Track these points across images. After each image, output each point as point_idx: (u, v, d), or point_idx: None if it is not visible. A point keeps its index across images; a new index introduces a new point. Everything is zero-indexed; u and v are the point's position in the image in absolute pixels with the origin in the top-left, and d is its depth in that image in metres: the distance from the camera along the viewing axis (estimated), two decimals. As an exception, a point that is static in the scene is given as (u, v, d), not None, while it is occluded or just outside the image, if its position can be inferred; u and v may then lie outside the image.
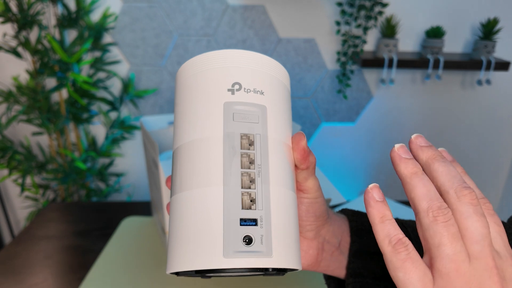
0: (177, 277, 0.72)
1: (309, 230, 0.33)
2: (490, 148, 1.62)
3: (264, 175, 0.26)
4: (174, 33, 1.42)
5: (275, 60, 0.31)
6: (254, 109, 0.28)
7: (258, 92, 0.28)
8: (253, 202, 0.25)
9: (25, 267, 0.75)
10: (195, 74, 0.29)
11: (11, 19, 1.26)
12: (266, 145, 0.27)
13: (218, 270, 0.24)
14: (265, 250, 0.24)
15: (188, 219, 0.25)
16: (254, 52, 0.30)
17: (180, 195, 0.27)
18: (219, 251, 0.24)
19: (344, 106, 1.54)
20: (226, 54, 0.29)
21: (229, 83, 0.28)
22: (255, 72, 0.29)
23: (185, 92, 0.30)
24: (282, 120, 0.29)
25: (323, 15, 1.40)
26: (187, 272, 0.25)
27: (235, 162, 0.26)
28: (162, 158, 0.78)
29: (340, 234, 0.36)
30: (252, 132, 0.27)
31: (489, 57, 1.36)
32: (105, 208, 0.96)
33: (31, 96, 1.35)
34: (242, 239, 0.24)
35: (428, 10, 1.39)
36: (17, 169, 1.44)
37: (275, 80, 0.30)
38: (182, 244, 0.25)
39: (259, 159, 0.26)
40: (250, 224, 0.25)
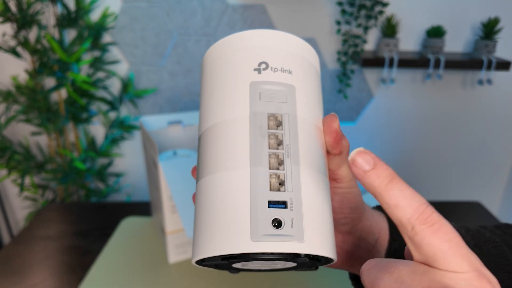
0: (177, 276, 0.71)
1: (344, 224, 0.31)
2: (491, 148, 1.62)
3: (294, 156, 0.25)
4: (173, 33, 1.42)
5: (304, 41, 0.29)
6: (282, 88, 0.26)
7: (286, 71, 0.27)
8: (282, 184, 0.24)
9: (24, 268, 0.74)
10: (220, 57, 0.28)
11: (10, 19, 1.25)
12: (295, 125, 0.26)
13: (246, 255, 0.23)
14: (296, 234, 0.23)
15: (213, 204, 0.24)
16: (282, 31, 0.28)
17: (205, 180, 0.26)
18: (247, 235, 0.22)
19: (345, 105, 1.54)
20: (252, 34, 0.28)
21: (255, 63, 0.27)
22: (282, 51, 0.28)
23: (211, 75, 0.29)
24: (312, 101, 0.28)
25: (323, 15, 1.39)
26: (213, 259, 0.24)
27: (263, 142, 0.25)
28: (161, 158, 0.77)
29: (377, 231, 0.33)
30: (279, 112, 0.26)
31: (490, 56, 1.36)
32: (105, 208, 0.96)
33: (30, 96, 1.35)
34: (271, 222, 0.23)
35: (429, 9, 1.38)
36: (16, 169, 1.43)
37: (304, 60, 0.28)
38: (207, 230, 0.24)
39: (288, 139, 0.25)
40: (280, 206, 0.23)
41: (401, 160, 1.64)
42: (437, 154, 1.63)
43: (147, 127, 0.80)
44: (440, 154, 1.63)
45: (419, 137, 1.60)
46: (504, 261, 0.35)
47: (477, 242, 0.36)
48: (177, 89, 1.51)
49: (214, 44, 0.29)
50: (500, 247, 0.36)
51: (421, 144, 1.61)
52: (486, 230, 0.37)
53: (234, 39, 0.28)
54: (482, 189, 1.70)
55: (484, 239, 0.36)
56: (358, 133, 1.59)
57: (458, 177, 1.67)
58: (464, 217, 0.93)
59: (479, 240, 0.36)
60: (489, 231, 0.38)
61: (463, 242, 0.20)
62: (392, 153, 1.63)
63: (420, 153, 1.63)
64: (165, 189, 0.69)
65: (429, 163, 1.65)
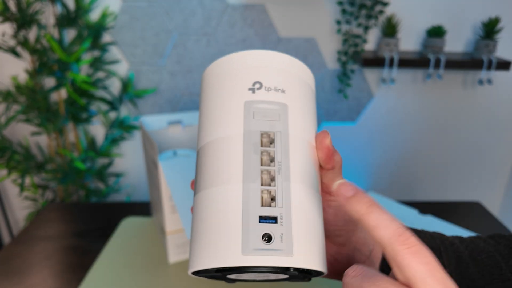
0: (177, 277, 0.71)
1: (338, 236, 0.32)
2: (491, 148, 1.62)
3: (285, 172, 0.26)
4: (173, 32, 1.41)
5: (298, 60, 0.31)
6: (275, 107, 0.28)
7: (279, 90, 0.28)
8: (273, 200, 0.25)
9: (24, 268, 0.74)
10: (217, 75, 0.30)
11: (9, 19, 1.25)
12: (287, 143, 0.27)
13: (237, 268, 0.24)
14: (285, 248, 0.24)
15: (208, 217, 0.25)
16: (277, 52, 0.30)
17: (201, 194, 0.27)
18: (238, 248, 0.23)
19: (345, 105, 1.54)
20: (248, 55, 0.29)
21: (249, 83, 0.28)
22: (276, 71, 0.29)
23: (208, 93, 0.30)
24: (305, 119, 0.29)
25: (323, 14, 1.39)
26: (207, 271, 0.25)
27: (255, 159, 0.26)
28: (161, 158, 0.77)
29: (372, 243, 0.34)
30: (272, 130, 0.27)
31: (490, 56, 1.36)
32: (104, 208, 0.96)
33: (30, 96, 1.35)
34: (262, 236, 0.24)
35: (429, 9, 1.38)
36: (16, 169, 1.43)
37: (297, 79, 0.30)
38: (201, 243, 0.25)
39: (280, 156, 0.26)
40: (270, 222, 0.24)
41: (401, 160, 1.64)
42: (437, 154, 1.63)
43: (147, 127, 0.79)
44: (440, 154, 1.63)
45: (419, 137, 1.60)
46: (497, 270, 0.36)
47: (471, 252, 0.37)
48: (177, 89, 1.51)
49: (213, 63, 0.31)
50: (494, 256, 0.36)
51: (421, 144, 1.61)
52: (480, 240, 0.38)
53: (231, 59, 0.30)
54: (482, 189, 1.70)
55: (478, 249, 0.37)
56: (358, 133, 1.58)
57: (458, 177, 1.67)
58: (464, 217, 0.93)
59: (473, 250, 0.37)
60: (483, 241, 0.38)
61: (440, 265, 0.21)
62: (392, 152, 1.63)
63: (420, 153, 1.63)
64: (165, 189, 0.69)
65: (429, 163, 1.64)
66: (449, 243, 0.36)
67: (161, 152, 0.82)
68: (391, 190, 1.69)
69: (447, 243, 0.36)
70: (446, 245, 0.36)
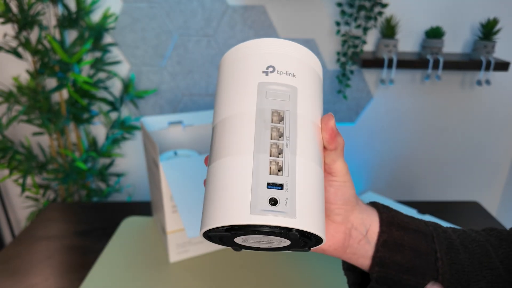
0: (178, 276, 0.72)
1: (337, 214, 0.34)
2: (489, 148, 1.63)
3: (292, 146, 0.29)
4: (174, 33, 1.42)
5: (309, 50, 0.33)
6: (285, 88, 0.30)
7: (290, 74, 0.31)
8: (280, 170, 0.28)
9: (26, 267, 0.75)
10: (235, 59, 0.33)
11: (11, 20, 1.26)
12: (295, 121, 0.30)
13: (245, 227, 0.26)
14: (289, 211, 0.26)
15: (220, 183, 0.28)
16: (290, 40, 0.33)
17: (215, 163, 0.30)
18: (247, 209, 0.26)
19: (344, 106, 1.54)
20: (263, 42, 0.32)
21: (264, 66, 0.31)
22: (288, 57, 0.32)
23: (226, 75, 0.33)
24: (312, 101, 0.32)
25: (323, 16, 1.40)
26: (217, 231, 0.28)
27: (266, 134, 0.29)
28: (162, 158, 0.78)
29: (368, 223, 0.36)
30: (282, 109, 0.30)
31: (488, 57, 1.36)
32: (106, 208, 0.97)
33: (31, 96, 1.35)
34: (268, 200, 0.26)
35: (428, 10, 1.39)
36: (18, 169, 1.44)
37: (307, 66, 0.33)
38: (213, 205, 0.28)
39: (288, 132, 0.29)
40: (276, 188, 0.27)
41: (400, 160, 1.64)
42: (436, 154, 1.64)
43: (148, 128, 0.80)
44: (439, 154, 1.64)
45: (418, 137, 1.60)
46: (487, 258, 0.37)
47: (462, 240, 0.38)
48: (177, 90, 1.51)
49: (231, 48, 0.34)
50: (484, 246, 0.38)
51: (420, 144, 1.62)
52: (472, 231, 0.40)
53: (248, 45, 0.33)
54: (480, 189, 1.70)
55: (469, 238, 0.39)
56: (357, 133, 1.59)
57: (456, 177, 1.68)
58: (462, 217, 0.94)
59: (464, 239, 0.38)
60: (474, 232, 0.40)
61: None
62: (391, 153, 1.63)
63: (419, 153, 1.63)
64: (166, 189, 0.69)
65: (428, 163, 1.65)
66: (442, 230, 0.38)
67: (162, 152, 0.83)
68: (390, 190, 1.70)
69: (439, 230, 0.38)
70: (438, 232, 0.38)
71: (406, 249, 0.35)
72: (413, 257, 0.35)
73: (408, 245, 0.35)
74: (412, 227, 0.37)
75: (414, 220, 0.38)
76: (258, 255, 0.78)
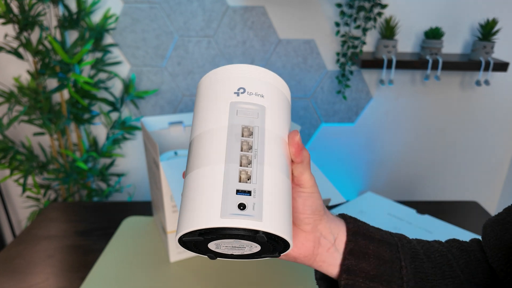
0: (178, 276, 0.72)
1: (306, 224, 0.36)
2: (488, 149, 1.63)
3: (260, 157, 0.31)
4: (174, 34, 1.43)
5: (276, 74, 0.37)
6: (255, 107, 0.34)
7: (259, 95, 0.35)
8: (249, 178, 0.30)
9: (27, 267, 0.75)
10: (210, 82, 0.36)
11: (12, 20, 1.26)
12: (263, 135, 0.33)
13: (216, 230, 0.29)
14: (256, 214, 0.29)
15: (194, 191, 0.31)
16: (259, 66, 0.37)
17: (190, 174, 0.32)
18: (217, 213, 0.28)
19: (344, 106, 1.55)
20: (236, 68, 0.36)
21: (235, 88, 0.35)
22: (257, 80, 0.35)
23: (202, 96, 0.37)
24: (279, 119, 0.35)
25: (322, 16, 1.40)
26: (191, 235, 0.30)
27: (236, 146, 0.31)
28: (162, 158, 0.79)
29: (336, 232, 0.38)
30: (251, 125, 0.33)
31: (487, 58, 1.37)
32: (106, 208, 0.97)
33: (32, 97, 1.36)
34: (238, 205, 0.29)
35: (427, 11, 1.39)
36: (19, 169, 1.45)
37: (274, 88, 0.36)
38: (188, 211, 0.30)
39: (256, 145, 0.32)
40: (245, 194, 0.29)
41: (399, 160, 1.65)
42: (435, 154, 1.64)
43: (148, 128, 0.81)
44: (438, 154, 1.64)
45: (417, 137, 1.61)
46: (448, 267, 0.40)
47: (425, 251, 0.40)
48: (178, 90, 1.52)
49: (209, 72, 0.38)
50: (446, 255, 0.40)
51: (419, 145, 1.62)
52: (435, 242, 0.43)
53: (223, 70, 0.36)
54: (479, 189, 1.71)
55: (432, 249, 0.41)
56: (357, 134, 1.60)
57: (455, 177, 1.68)
58: (461, 217, 0.94)
59: (427, 249, 0.41)
60: (437, 243, 0.43)
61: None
62: (390, 153, 1.64)
63: (418, 153, 1.64)
64: (166, 189, 0.70)
65: (427, 163, 1.66)
66: (407, 241, 0.40)
67: (162, 152, 0.83)
68: (389, 190, 1.71)
69: (404, 241, 0.40)
70: (403, 242, 0.40)
71: (371, 257, 0.37)
72: (378, 265, 0.37)
73: (373, 254, 0.37)
74: (377, 237, 0.39)
75: (379, 231, 0.40)
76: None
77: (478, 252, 0.42)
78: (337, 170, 1.67)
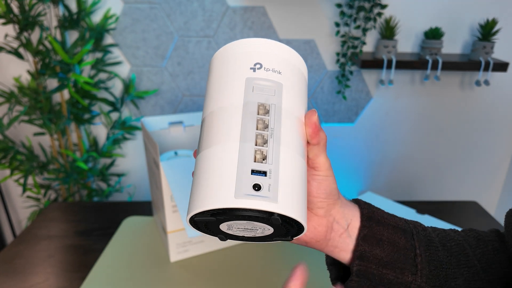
0: (178, 275, 0.72)
1: (319, 207, 0.35)
2: (488, 148, 1.63)
3: (276, 137, 0.30)
4: (174, 34, 1.43)
5: (294, 50, 0.35)
6: (271, 84, 0.32)
7: (276, 71, 0.33)
8: (264, 158, 0.29)
9: (27, 267, 0.75)
10: (224, 57, 0.35)
11: (12, 20, 1.26)
12: (279, 114, 0.31)
13: (230, 210, 0.27)
14: (272, 196, 0.28)
15: (207, 170, 0.29)
16: (277, 41, 0.35)
17: (203, 153, 0.31)
18: (231, 193, 0.27)
19: (344, 106, 1.55)
20: (252, 41, 0.34)
21: (251, 63, 0.33)
22: (275, 56, 0.34)
23: (216, 71, 0.35)
24: (296, 97, 0.33)
25: (322, 17, 1.40)
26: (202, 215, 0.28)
27: (251, 124, 0.30)
28: (162, 158, 0.79)
29: (350, 218, 0.37)
30: (268, 102, 0.31)
31: (487, 58, 1.37)
32: (106, 208, 0.97)
33: (32, 97, 1.36)
34: (252, 185, 0.28)
35: (427, 11, 1.40)
36: (19, 169, 1.45)
37: (292, 65, 0.34)
38: (200, 192, 0.29)
39: (273, 124, 0.30)
40: (260, 174, 0.28)
41: (399, 160, 1.65)
42: (435, 154, 1.64)
43: (148, 128, 0.81)
44: (438, 154, 1.64)
45: (417, 137, 1.61)
46: (464, 257, 0.39)
47: (441, 239, 0.39)
48: (178, 90, 1.52)
49: (222, 47, 0.35)
50: (462, 245, 0.40)
51: (419, 145, 1.62)
52: (451, 231, 0.42)
53: (238, 44, 0.34)
54: (479, 189, 1.71)
55: (448, 238, 0.40)
56: (356, 134, 1.60)
57: (455, 177, 1.68)
58: (461, 216, 0.95)
59: (443, 237, 0.40)
60: (453, 232, 0.42)
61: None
62: (390, 153, 1.64)
63: (418, 153, 1.64)
64: (166, 189, 0.70)
65: (427, 163, 1.66)
66: (422, 229, 0.39)
67: (162, 152, 0.83)
68: (389, 190, 1.71)
69: (419, 229, 0.39)
70: (418, 230, 0.39)
71: (385, 243, 0.36)
72: (391, 251, 0.36)
73: (387, 240, 0.36)
74: (391, 223, 0.38)
75: (394, 217, 0.39)
76: (258, 254, 0.78)
77: (497, 242, 0.41)
78: (337, 170, 1.67)
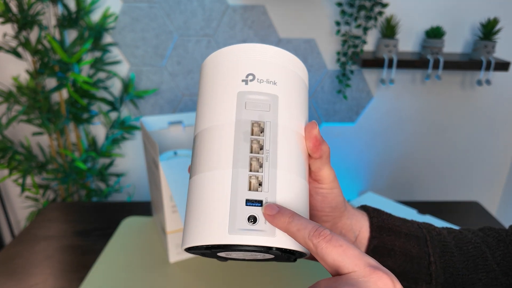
0: (178, 276, 0.72)
1: (325, 221, 0.34)
2: (490, 148, 1.63)
3: (272, 160, 0.27)
4: (174, 34, 1.42)
5: (291, 54, 0.32)
6: (266, 98, 0.29)
7: (271, 82, 0.30)
8: (260, 185, 0.27)
9: (26, 267, 0.75)
10: (214, 66, 0.31)
11: (11, 19, 1.26)
12: (275, 132, 0.28)
13: (223, 246, 0.26)
14: (269, 229, 0.26)
15: (200, 199, 0.27)
16: (270, 45, 0.31)
17: (194, 178, 0.29)
18: (225, 228, 0.25)
19: (344, 106, 1.54)
20: (243, 48, 0.31)
21: (243, 74, 0.30)
22: (269, 63, 0.30)
23: (205, 83, 0.32)
24: (295, 110, 0.30)
25: (323, 15, 1.40)
26: (198, 248, 0.27)
27: (245, 147, 0.27)
28: (162, 158, 0.78)
29: (358, 229, 0.36)
30: (262, 120, 0.28)
31: (489, 57, 1.36)
32: (106, 208, 0.97)
33: (31, 96, 1.35)
34: (247, 218, 0.26)
35: (428, 10, 1.39)
36: (17, 169, 1.44)
37: (289, 72, 0.31)
38: (193, 222, 0.27)
39: (268, 145, 0.28)
40: (256, 204, 0.26)
41: (400, 160, 1.64)
42: (436, 154, 1.64)
43: (148, 128, 0.80)
44: (439, 154, 1.64)
45: (418, 137, 1.60)
46: (482, 261, 0.37)
47: (457, 242, 0.38)
48: (177, 90, 1.51)
49: (210, 55, 0.32)
50: (480, 247, 0.37)
51: (420, 144, 1.62)
52: (468, 232, 0.39)
53: (227, 51, 0.31)
54: (480, 189, 1.70)
55: (465, 240, 0.38)
56: (357, 133, 1.59)
57: (456, 177, 1.68)
58: (462, 217, 0.94)
59: (459, 240, 0.38)
60: (471, 233, 0.39)
61: (353, 245, 0.24)
62: (391, 153, 1.63)
63: (419, 153, 1.63)
64: (166, 189, 0.69)
65: (428, 163, 1.65)
66: (436, 233, 0.37)
67: (162, 152, 0.82)
68: (390, 190, 1.70)
69: (434, 233, 0.37)
70: (432, 235, 0.37)
71: (397, 253, 0.35)
72: (404, 261, 0.35)
73: (399, 250, 0.35)
74: (403, 230, 0.36)
75: (406, 223, 0.37)
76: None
77: None
78: (338, 170, 1.66)
